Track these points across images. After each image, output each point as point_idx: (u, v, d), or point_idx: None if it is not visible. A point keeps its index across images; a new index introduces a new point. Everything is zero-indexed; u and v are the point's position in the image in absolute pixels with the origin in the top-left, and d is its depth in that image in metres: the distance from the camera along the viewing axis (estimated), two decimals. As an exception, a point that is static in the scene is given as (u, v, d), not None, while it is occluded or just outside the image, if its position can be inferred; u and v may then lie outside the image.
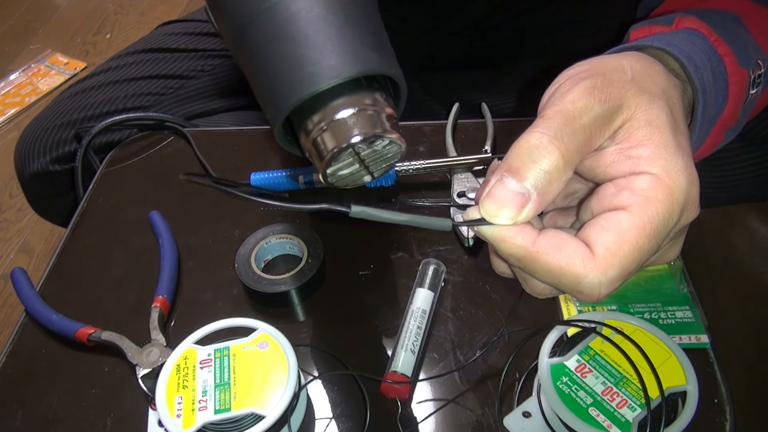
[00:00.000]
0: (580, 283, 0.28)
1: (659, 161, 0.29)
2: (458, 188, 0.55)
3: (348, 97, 0.31)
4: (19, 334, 0.51)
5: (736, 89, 0.39)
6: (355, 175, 0.33)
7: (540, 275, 0.29)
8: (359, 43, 0.31)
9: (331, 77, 0.30)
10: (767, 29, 0.43)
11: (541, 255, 0.29)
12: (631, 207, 0.28)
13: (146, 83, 0.77)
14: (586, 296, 0.29)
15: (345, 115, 0.31)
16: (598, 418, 0.36)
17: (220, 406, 0.39)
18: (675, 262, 0.48)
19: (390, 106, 0.32)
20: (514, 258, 0.30)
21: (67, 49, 2.01)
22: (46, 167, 0.73)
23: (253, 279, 0.50)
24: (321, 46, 0.30)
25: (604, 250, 0.28)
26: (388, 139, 0.31)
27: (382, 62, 0.31)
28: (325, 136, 0.31)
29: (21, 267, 0.55)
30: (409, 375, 0.43)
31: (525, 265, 0.29)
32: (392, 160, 0.33)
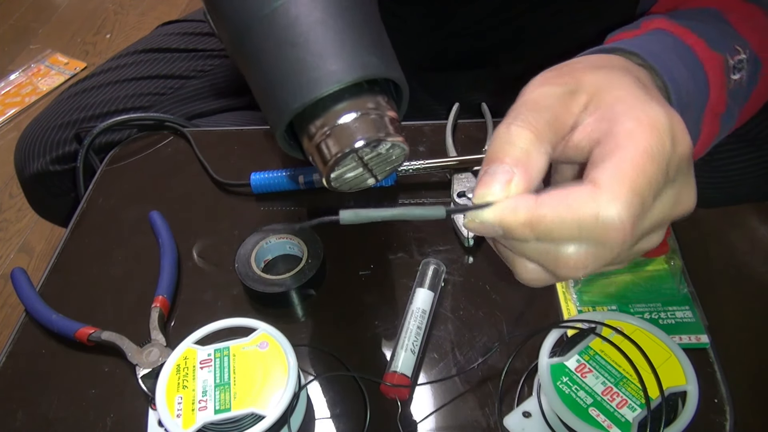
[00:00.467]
0: (598, 218, 0.27)
1: (634, 110, 0.29)
2: (458, 188, 0.55)
3: (350, 101, 0.31)
4: (19, 334, 0.51)
5: (716, 74, 0.39)
6: (359, 178, 0.33)
7: (557, 232, 0.28)
8: (360, 47, 0.31)
9: (333, 82, 0.30)
10: (750, 20, 0.43)
11: (548, 208, 0.28)
12: (621, 144, 0.28)
13: (146, 83, 0.77)
14: (612, 231, 0.27)
15: (348, 120, 0.31)
16: (598, 418, 0.36)
17: (220, 406, 0.39)
18: (675, 262, 0.48)
19: (392, 109, 0.32)
20: (525, 228, 0.28)
21: (67, 49, 2.01)
22: (46, 167, 0.73)
23: (253, 279, 0.50)
24: (321, 50, 0.30)
25: (608, 177, 0.27)
26: (391, 142, 0.31)
27: (382, 66, 0.31)
28: (328, 141, 0.31)
29: (21, 267, 0.55)
30: (409, 375, 0.43)
31: (538, 229, 0.28)
32: (396, 163, 0.33)
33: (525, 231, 0.28)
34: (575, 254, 0.28)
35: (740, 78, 0.41)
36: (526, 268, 0.31)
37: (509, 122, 0.30)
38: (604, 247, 0.28)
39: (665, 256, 0.48)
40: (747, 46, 0.41)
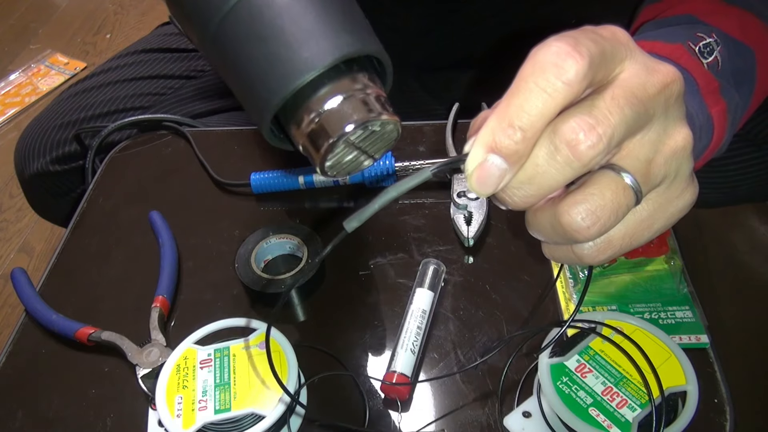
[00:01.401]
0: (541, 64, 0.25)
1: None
2: (458, 188, 0.55)
3: (332, 85, 0.30)
4: (19, 334, 0.51)
5: (686, 60, 0.40)
6: (356, 161, 0.32)
7: (526, 100, 0.26)
8: (330, 28, 0.30)
9: (308, 70, 0.29)
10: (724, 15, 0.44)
11: (506, 98, 0.26)
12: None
13: (146, 83, 0.77)
14: (557, 59, 0.25)
15: (333, 105, 0.30)
16: (598, 418, 0.36)
17: (220, 406, 0.39)
18: (675, 262, 0.48)
19: (377, 86, 0.31)
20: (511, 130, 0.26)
21: (67, 49, 2.01)
22: (46, 167, 0.73)
23: (253, 279, 0.50)
24: (291, 40, 0.29)
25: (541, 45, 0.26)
26: (381, 120, 0.30)
27: (357, 42, 0.30)
28: (317, 129, 0.30)
29: (21, 267, 0.55)
30: (409, 375, 0.43)
31: (515, 116, 0.26)
32: (390, 140, 0.32)
33: (508, 131, 0.26)
34: (572, 124, 0.26)
35: (714, 60, 0.41)
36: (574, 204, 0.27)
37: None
38: (565, 82, 0.25)
39: (665, 256, 0.48)
40: (713, 30, 0.42)
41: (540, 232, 0.30)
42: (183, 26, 0.35)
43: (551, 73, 0.25)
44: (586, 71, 0.25)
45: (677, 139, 0.29)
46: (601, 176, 0.28)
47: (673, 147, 0.29)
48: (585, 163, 0.26)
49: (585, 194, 0.27)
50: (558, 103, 0.26)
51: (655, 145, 0.28)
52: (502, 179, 0.27)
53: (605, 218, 0.27)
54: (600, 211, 0.27)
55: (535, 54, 0.26)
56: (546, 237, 0.30)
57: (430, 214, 0.57)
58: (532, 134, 0.26)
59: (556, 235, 0.29)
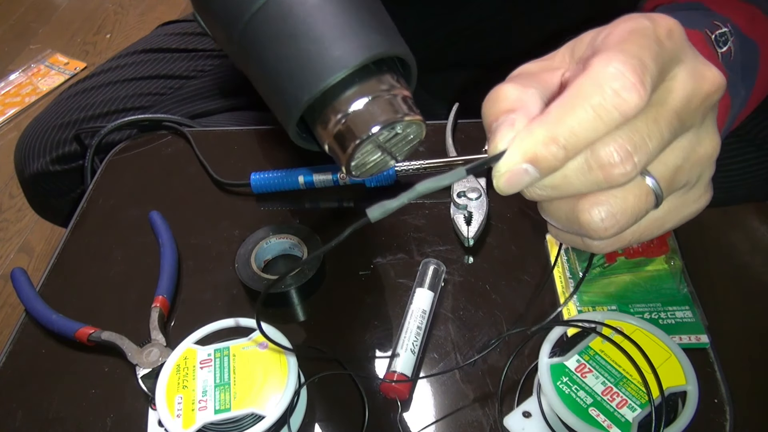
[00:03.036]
0: (601, 83, 0.25)
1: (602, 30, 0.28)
2: (458, 188, 0.55)
3: (360, 85, 0.30)
4: (19, 334, 0.51)
5: (702, 47, 0.39)
6: (381, 162, 0.33)
7: (577, 122, 0.25)
8: (360, 28, 0.30)
9: (339, 69, 0.29)
10: (733, 7, 0.43)
11: (555, 109, 0.26)
12: (597, 46, 0.27)
13: (146, 83, 0.77)
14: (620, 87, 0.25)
15: (361, 105, 0.30)
16: (598, 418, 0.36)
17: (220, 406, 0.39)
18: (675, 262, 0.48)
19: (404, 87, 0.32)
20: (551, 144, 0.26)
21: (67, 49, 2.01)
22: (46, 167, 0.73)
23: (253, 279, 0.50)
24: (322, 38, 0.29)
25: (596, 57, 0.26)
26: (408, 121, 0.30)
27: (386, 43, 0.30)
28: (344, 130, 0.30)
29: (21, 267, 0.55)
30: (409, 375, 0.43)
31: (560, 133, 0.25)
32: (415, 141, 0.32)
33: (552, 148, 0.26)
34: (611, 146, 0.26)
35: (728, 50, 0.40)
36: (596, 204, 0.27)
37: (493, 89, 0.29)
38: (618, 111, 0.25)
39: (665, 256, 0.48)
40: (728, 21, 0.41)
41: (553, 219, 0.30)
42: (208, 24, 0.35)
43: (611, 103, 0.25)
44: (645, 102, 0.25)
45: (707, 147, 0.29)
46: None
47: (702, 155, 0.29)
48: (613, 185, 0.26)
49: (608, 195, 0.27)
50: (609, 130, 0.25)
51: (685, 152, 0.28)
52: (529, 184, 0.27)
53: (624, 222, 0.27)
54: (620, 215, 0.27)
55: (598, 70, 0.25)
56: (558, 224, 0.30)
57: (430, 214, 0.57)
58: (573, 154, 0.26)
59: (570, 226, 0.29)
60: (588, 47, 0.29)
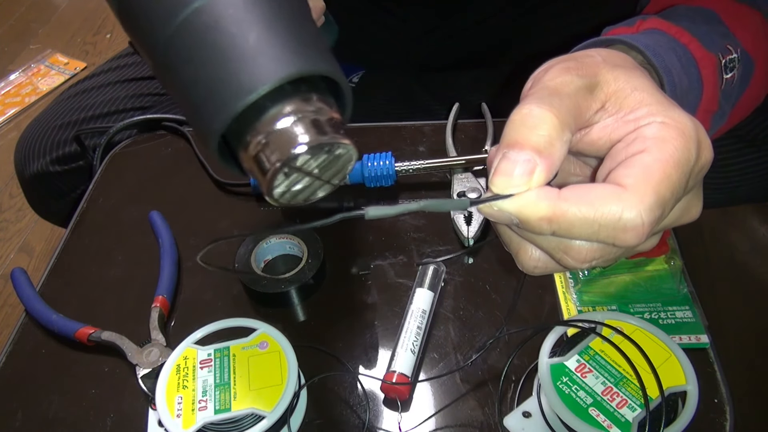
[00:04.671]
0: (620, 219, 0.26)
1: (660, 113, 0.29)
2: (458, 188, 0.55)
3: (278, 107, 0.28)
4: (19, 334, 0.51)
5: (709, 72, 0.39)
6: (309, 188, 0.31)
7: (576, 229, 0.27)
8: (273, 49, 0.28)
9: (248, 93, 0.27)
10: (744, 21, 0.43)
11: (570, 205, 0.27)
12: (648, 147, 0.28)
13: (146, 83, 0.77)
14: (630, 233, 0.27)
15: (281, 126, 0.28)
16: (598, 418, 0.36)
17: (220, 406, 0.39)
18: (675, 262, 0.48)
19: (331, 108, 0.30)
20: (544, 222, 0.27)
21: (67, 49, 2.01)
22: (46, 168, 0.73)
23: (253, 279, 0.50)
24: (232, 62, 0.28)
25: (634, 181, 0.27)
26: (332, 143, 0.29)
27: (301, 63, 0.28)
28: (263, 152, 0.29)
29: (21, 267, 0.55)
30: (409, 375, 0.43)
31: (558, 224, 0.27)
32: (345, 167, 0.30)
33: (543, 225, 0.27)
34: (586, 249, 0.28)
35: (732, 77, 0.41)
36: (531, 256, 0.30)
37: (531, 104, 0.29)
38: (616, 246, 0.28)
39: (665, 256, 0.48)
40: (739, 45, 0.41)
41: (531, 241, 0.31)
42: (139, 52, 0.34)
43: (615, 234, 0.27)
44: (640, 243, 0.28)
45: (693, 214, 0.31)
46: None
47: (688, 219, 0.31)
48: (622, 249, 0.29)
49: (602, 249, 0.29)
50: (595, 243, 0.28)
51: (674, 219, 0.30)
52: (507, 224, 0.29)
53: (602, 264, 0.30)
54: (602, 261, 0.29)
55: (625, 204, 0.27)
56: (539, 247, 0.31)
57: (430, 214, 0.57)
58: (562, 234, 0.28)
59: (548, 249, 0.30)
60: (632, 118, 0.30)
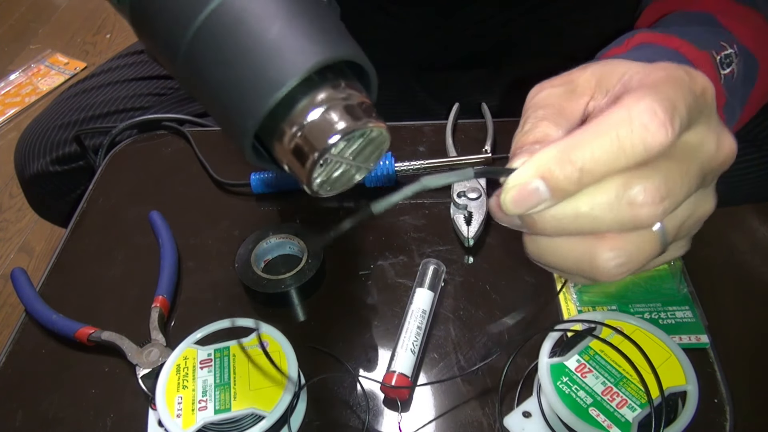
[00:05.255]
0: (631, 118, 0.25)
1: (642, 68, 0.29)
2: (458, 188, 0.55)
3: (309, 98, 0.28)
4: (19, 334, 0.51)
5: (707, 70, 0.39)
6: (347, 175, 0.31)
7: (599, 154, 0.25)
8: (294, 41, 0.28)
9: (276, 89, 0.27)
10: (742, 19, 0.43)
11: (578, 134, 0.25)
12: (638, 85, 0.27)
13: (146, 83, 0.77)
14: (650, 125, 0.25)
15: (314, 117, 0.28)
16: (598, 418, 0.36)
17: (220, 406, 0.39)
18: (675, 261, 0.48)
19: (360, 93, 0.30)
20: (566, 164, 0.25)
21: (67, 49, 2.01)
22: (46, 168, 0.73)
23: (253, 279, 0.50)
24: (256, 60, 0.28)
25: (630, 95, 0.26)
26: (367, 128, 0.29)
27: (323, 51, 0.28)
28: (300, 145, 0.29)
29: (21, 267, 0.55)
30: (409, 375, 0.43)
31: (578, 157, 0.25)
32: (379, 147, 0.31)
33: (566, 168, 0.25)
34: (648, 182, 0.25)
35: (731, 72, 0.41)
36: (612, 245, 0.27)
37: (522, 128, 0.30)
38: (647, 150, 0.25)
39: (665, 256, 0.48)
40: (734, 41, 0.41)
41: (556, 258, 0.29)
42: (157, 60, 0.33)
43: (638, 136, 0.25)
44: (671, 143, 0.25)
45: (709, 207, 0.30)
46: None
47: (704, 213, 0.30)
48: (637, 225, 0.26)
49: (625, 240, 0.27)
50: (630, 164, 0.25)
51: (692, 209, 0.29)
52: (537, 207, 0.26)
53: (634, 268, 0.28)
54: (634, 262, 0.28)
55: (629, 104, 0.25)
56: (559, 265, 0.29)
57: (430, 214, 0.57)
58: (588, 180, 0.25)
59: (576, 266, 0.28)
60: (619, 84, 0.29)
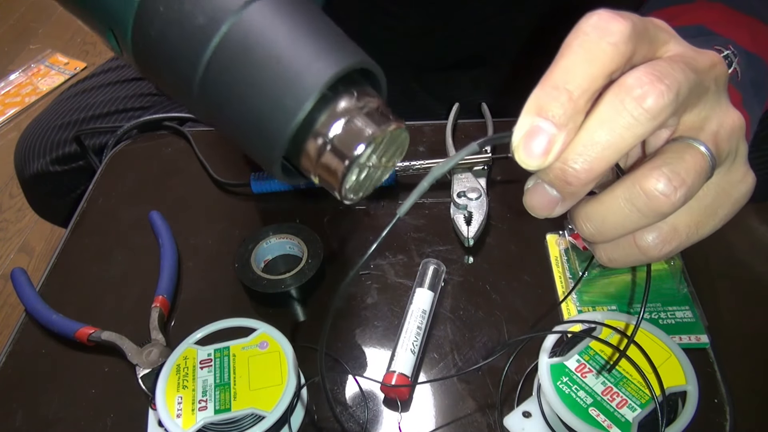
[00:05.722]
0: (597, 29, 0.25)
1: None
2: (458, 188, 0.55)
3: (328, 113, 0.29)
4: (19, 334, 0.51)
5: None
6: (374, 176, 0.32)
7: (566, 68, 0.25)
8: (301, 65, 0.29)
9: (305, 99, 0.28)
10: (738, 24, 0.43)
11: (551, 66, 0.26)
12: None
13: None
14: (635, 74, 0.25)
15: (337, 131, 0.29)
16: (598, 418, 0.36)
17: (220, 406, 0.39)
18: (675, 261, 0.48)
19: (375, 97, 0.31)
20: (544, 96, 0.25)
21: (67, 49, 2.01)
22: (46, 168, 0.73)
23: (253, 279, 0.50)
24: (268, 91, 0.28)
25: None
26: (389, 132, 0.30)
27: (331, 66, 0.29)
28: (328, 159, 0.29)
29: (21, 267, 0.55)
30: (409, 375, 0.43)
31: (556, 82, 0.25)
32: (401, 145, 0.32)
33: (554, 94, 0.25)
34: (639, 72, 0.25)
35: (734, 72, 0.41)
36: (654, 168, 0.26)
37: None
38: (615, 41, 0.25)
39: (665, 256, 0.48)
40: (728, 43, 0.41)
41: (607, 219, 0.27)
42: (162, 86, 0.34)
43: (595, 35, 0.25)
44: (630, 32, 0.25)
45: (734, 117, 0.29)
46: (674, 145, 0.27)
47: (732, 124, 0.28)
48: (654, 115, 0.25)
49: (664, 159, 0.26)
50: (605, 65, 0.25)
51: (716, 119, 0.28)
52: (552, 146, 0.25)
53: (690, 180, 0.26)
54: (684, 172, 0.26)
55: (578, 24, 0.26)
56: (613, 226, 0.28)
57: (430, 214, 0.57)
58: (579, 95, 0.25)
59: (631, 214, 0.26)
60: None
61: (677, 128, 0.28)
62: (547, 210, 0.28)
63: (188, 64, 0.29)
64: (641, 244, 0.28)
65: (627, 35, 0.25)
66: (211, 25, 0.28)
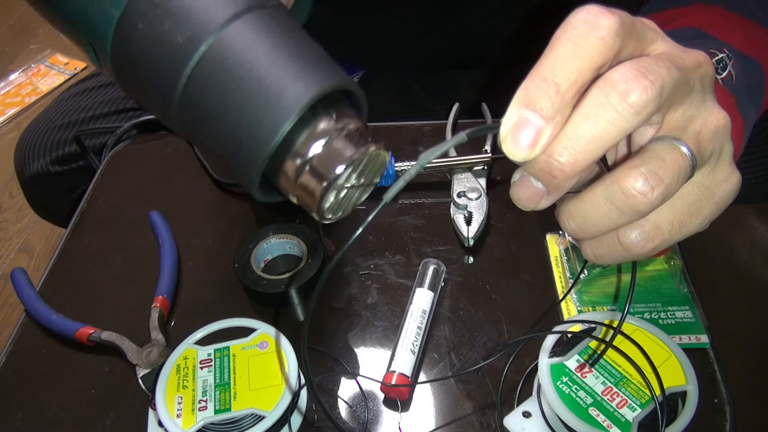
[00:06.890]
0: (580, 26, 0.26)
1: None
2: (458, 188, 0.55)
3: (306, 134, 0.29)
4: (19, 334, 0.51)
5: None
6: (353, 197, 0.32)
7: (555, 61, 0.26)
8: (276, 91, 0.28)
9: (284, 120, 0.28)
10: (733, 27, 0.43)
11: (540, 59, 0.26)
12: None
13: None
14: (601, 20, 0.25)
15: (319, 149, 0.29)
16: (598, 418, 0.36)
17: (220, 406, 0.39)
18: (675, 261, 0.48)
19: (354, 118, 0.30)
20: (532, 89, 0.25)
21: (67, 49, 2.01)
22: (46, 168, 0.73)
23: (253, 279, 0.50)
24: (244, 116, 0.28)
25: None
26: (368, 153, 0.29)
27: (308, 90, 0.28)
28: (308, 177, 0.29)
29: (21, 267, 0.55)
30: (409, 375, 0.43)
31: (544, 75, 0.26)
32: (380, 166, 0.31)
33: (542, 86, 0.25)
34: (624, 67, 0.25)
35: (728, 75, 0.40)
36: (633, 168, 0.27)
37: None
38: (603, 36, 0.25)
39: (665, 256, 0.48)
40: (723, 46, 0.41)
41: (588, 217, 0.28)
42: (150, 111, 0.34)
43: (584, 29, 0.25)
44: (618, 28, 0.25)
45: (718, 117, 0.29)
46: (656, 144, 0.27)
47: (716, 123, 0.29)
48: (638, 110, 0.25)
49: (643, 158, 0.27)
50: (593, 59, 0.25)
51: (699, 119, 0.28)
52: (539, 138, 0.25)
53: (668, 180, 0.26)
54: (663, 172, 0.26)
55: (567, 19, 0.26)
56: (594, 223, 0.28)
57: (430, 214, 0.57)
58: (567, 88, 0.25)
59: (611, 211, 0.27)
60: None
61: (661, 126, 0.28)
62: (532, 202, 0.28)
63: (167, 82, 0.29)
64: (624, 241, 0.29)
65: (615, 30, 0.25)
66: (190, 44, 0.28)
